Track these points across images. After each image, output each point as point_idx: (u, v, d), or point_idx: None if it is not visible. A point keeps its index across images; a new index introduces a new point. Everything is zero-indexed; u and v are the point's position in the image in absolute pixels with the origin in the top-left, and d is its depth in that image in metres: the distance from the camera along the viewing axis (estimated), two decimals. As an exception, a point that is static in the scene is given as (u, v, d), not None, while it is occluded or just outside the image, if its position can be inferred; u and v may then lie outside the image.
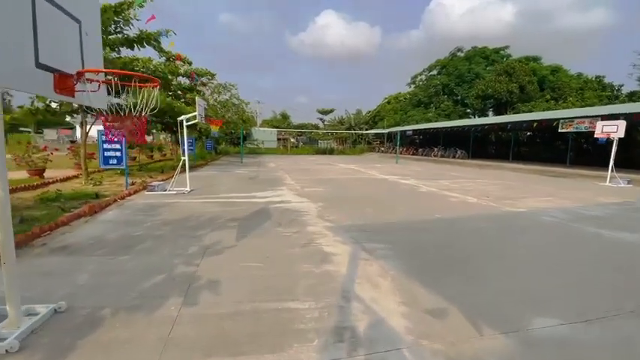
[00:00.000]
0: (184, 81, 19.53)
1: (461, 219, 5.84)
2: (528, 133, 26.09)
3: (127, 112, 2.33)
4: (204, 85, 22.30)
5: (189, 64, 20.33)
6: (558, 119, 16.08)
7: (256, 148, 38.70)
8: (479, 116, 34.38)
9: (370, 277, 3.18)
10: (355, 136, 43.14)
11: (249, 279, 3.07)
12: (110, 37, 10.18)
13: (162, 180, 9.57)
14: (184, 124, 7.99)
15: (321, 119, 49.41)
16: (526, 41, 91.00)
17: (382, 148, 38.27)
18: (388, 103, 47.12)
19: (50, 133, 48.34)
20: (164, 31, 11.00)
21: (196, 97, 7.58)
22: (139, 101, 2.25)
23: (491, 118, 23.81)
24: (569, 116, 15.82)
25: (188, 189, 8.22)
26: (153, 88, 2.34)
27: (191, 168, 14.82)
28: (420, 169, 17.33)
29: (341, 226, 5.12)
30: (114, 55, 10.49)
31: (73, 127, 44.79)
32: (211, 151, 27.19)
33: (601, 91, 24.38)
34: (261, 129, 40.52)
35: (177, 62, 19.59)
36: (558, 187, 10.81)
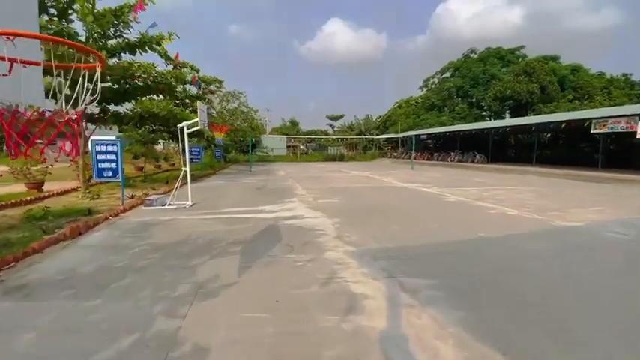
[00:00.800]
0: (192, 89, 19.10)
1: (511, 238, 4.84)
2: (548, 135, 24.68)
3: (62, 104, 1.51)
4: (212, 92, 21.87)
5: (197, 71, 19.96)
6: (590, 119, 14.84)
7: (265, 156, 38.15)
8: (495, 118, 33.05)
9: (423, 338, 2.24)
10: (366, 141, 42.19)
11: (250, 344, 2.18)
12: (110, 41, 9.68)
13: (164, 193, 8.84)
14: (185, 131, 7.25)
15: (330, 125, 48.69)
16: (534, 43, 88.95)
17: (395, 154, 37.19)
18: (399, 107, 46.10)
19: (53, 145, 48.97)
20: (167, 34, 10.44)
21: (198, 102, 6.84)
22: (78, 88, 1.43)
23: (515, 120, 22.51)
24: (602, 116, 14.56)
25: (190, 203, 7.44)
26: (98, 68, 1.52)
27: (197, 178, 14.17)
28: (440, 175, 16.25)
29: (366, 251, 4.19)
30: (114, 61, 9.97)
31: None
32: (220, 159, 26.69)
33: (629, 89, 22.86)
34: (270, 136, 40.04)
35: (184, 69, 19.23)
36: (598, 194, 9.63)
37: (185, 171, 7.39)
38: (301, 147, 44.81)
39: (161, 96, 11.70)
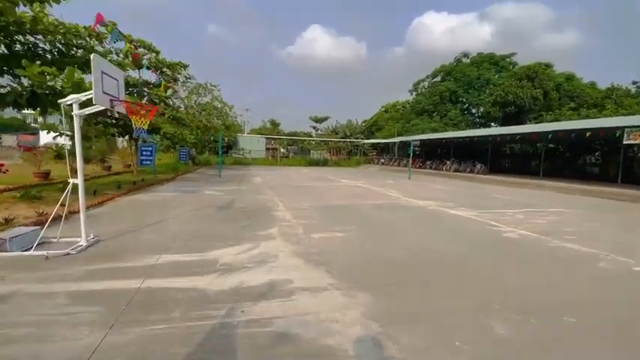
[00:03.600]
0: (150, 75, 15.44)
1: None
2: (551, 145, 22.97)
3: None
4: (175, 80, 18.23)
5: (156, 52, 16.33)
6: (622, 128, 12.71)
7: (242, 158, 34.49)
8: (487, 126, 31.34)
9: None
10: (350, 146, 39.52)
11: None
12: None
13: (49, 218, 5.32)
14: (75, 112, 3.92)
15: (314, 127, 45.67)
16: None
17: (382, 160, 34.69)
18: (386, 111, 43.99)
19: (9, 139, 43.09)
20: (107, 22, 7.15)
21: (93, 56, 3.56)
22: None
23: (528, 127, 20.39)
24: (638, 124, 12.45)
25: (84, 243, 4.10)
26: None
27: (145, 187, 10.64)
28: (449, 188, 13.58)
29: None
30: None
31: (35, 133, 39.76)
32: (186, 161, 22.89)
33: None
34: (248, 136, 36.39)
35: (141, 50, 15.56)
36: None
37: (73, 183, 4.04)
38: (282, 150, 41.46)
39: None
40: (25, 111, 11.49)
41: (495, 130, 21.32)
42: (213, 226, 5.52)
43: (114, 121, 14.50)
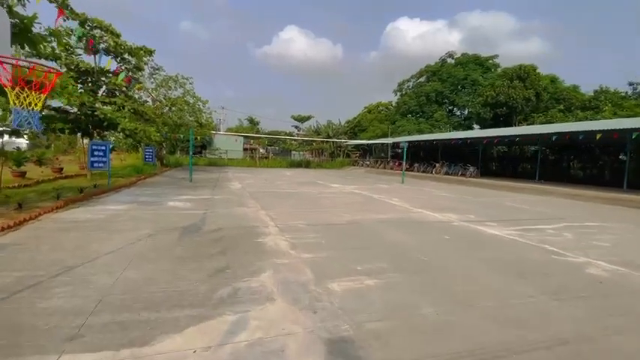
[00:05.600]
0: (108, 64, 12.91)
1: None
2: (537, 148, 22.45)
3: None
4: (138, 69, 15.71)
5: (117, 35, 13.80)
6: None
7: (217, 159, 31.91)
8: (471, 128, 30.79)
9: None
10: (333, 147, 37.90)
11: None
12: None
13: None
14: None
15: (296, 127, 43.56)
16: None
17: (367, 162, 33.37)
18: (369, 112, 42.80)
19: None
20: None
21: None
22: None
23: (530, 128, 19.47)
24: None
25: None
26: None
27: (94, 195, 8.32)
28: (453, 195, 12.16)
29: None
30: None
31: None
32: (153, 163, 20.23)
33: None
34: (225, 134, 33.75)
35: (92, 30, 13.01)
36: None
37: None
38: (261, 150, 39.13)
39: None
40: None
41: (493, 131, 20.34)
42: (169, 271, 3.53)
43: (57, 113, 11.93)
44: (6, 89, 2.25)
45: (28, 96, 2.25)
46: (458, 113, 33.31)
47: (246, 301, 2.86)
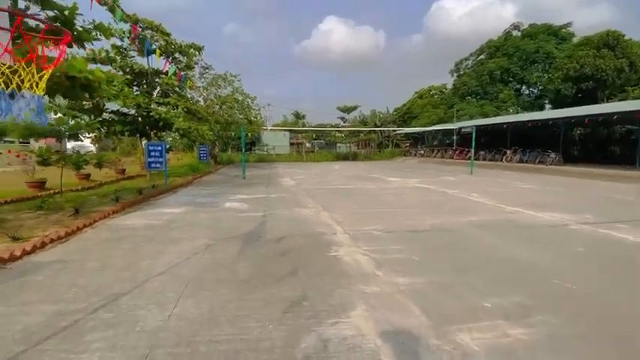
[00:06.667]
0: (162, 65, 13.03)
1: None
2: (633, 127, 18.53)
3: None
4: (189, 68, 15.78)
5: (167, 35, 13.86)
6: None
7: (266, 154, 32.07)
8: (543, 108, 26.81)
9: None
10: (381, 137, 36.01)
11: None
12: None
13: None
14: None
15: (342, 118, 42.31)
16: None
17: (420, 152, 31.06)
18: (420, 97, 39.93)
19: (37, 144, 43.37)
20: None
21: None
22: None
23: (632, 103, 16.36)
24: None
25: None
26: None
27: (152, 197, 8.18)
28: (542, 188, 10.14)
29: None
30: None
31: (61, 136, 39.46)
32: (207, 161, 20.62)
33: None
34: (273, 128, 33.78)
35: (143, 31, 13.16)
36: None
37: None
38: (307, 144, 38.68)
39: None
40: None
41: (585, 109, 17.03)
42: (232, 303, 2.73)
43: (115, 117, 12.23)
44: None
45: (18, 74, 1.53)
46: (527, 92, 29.37)
47: (345, 368, 1.91)
